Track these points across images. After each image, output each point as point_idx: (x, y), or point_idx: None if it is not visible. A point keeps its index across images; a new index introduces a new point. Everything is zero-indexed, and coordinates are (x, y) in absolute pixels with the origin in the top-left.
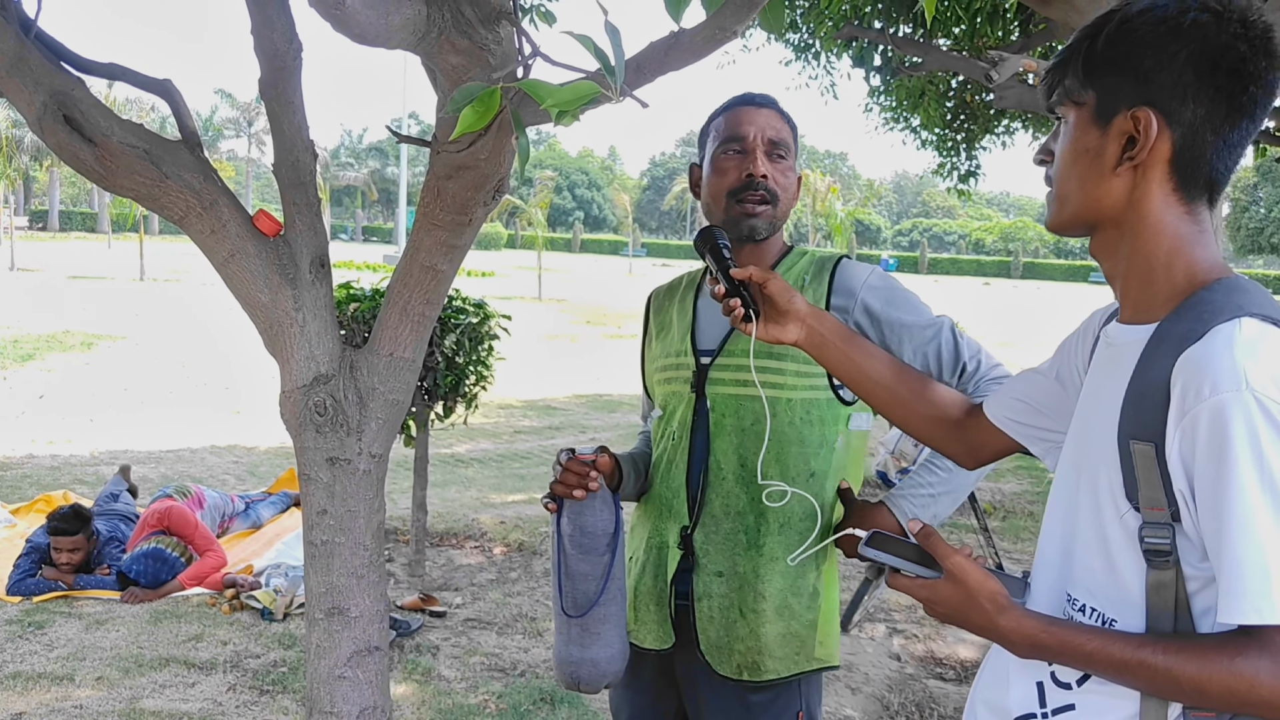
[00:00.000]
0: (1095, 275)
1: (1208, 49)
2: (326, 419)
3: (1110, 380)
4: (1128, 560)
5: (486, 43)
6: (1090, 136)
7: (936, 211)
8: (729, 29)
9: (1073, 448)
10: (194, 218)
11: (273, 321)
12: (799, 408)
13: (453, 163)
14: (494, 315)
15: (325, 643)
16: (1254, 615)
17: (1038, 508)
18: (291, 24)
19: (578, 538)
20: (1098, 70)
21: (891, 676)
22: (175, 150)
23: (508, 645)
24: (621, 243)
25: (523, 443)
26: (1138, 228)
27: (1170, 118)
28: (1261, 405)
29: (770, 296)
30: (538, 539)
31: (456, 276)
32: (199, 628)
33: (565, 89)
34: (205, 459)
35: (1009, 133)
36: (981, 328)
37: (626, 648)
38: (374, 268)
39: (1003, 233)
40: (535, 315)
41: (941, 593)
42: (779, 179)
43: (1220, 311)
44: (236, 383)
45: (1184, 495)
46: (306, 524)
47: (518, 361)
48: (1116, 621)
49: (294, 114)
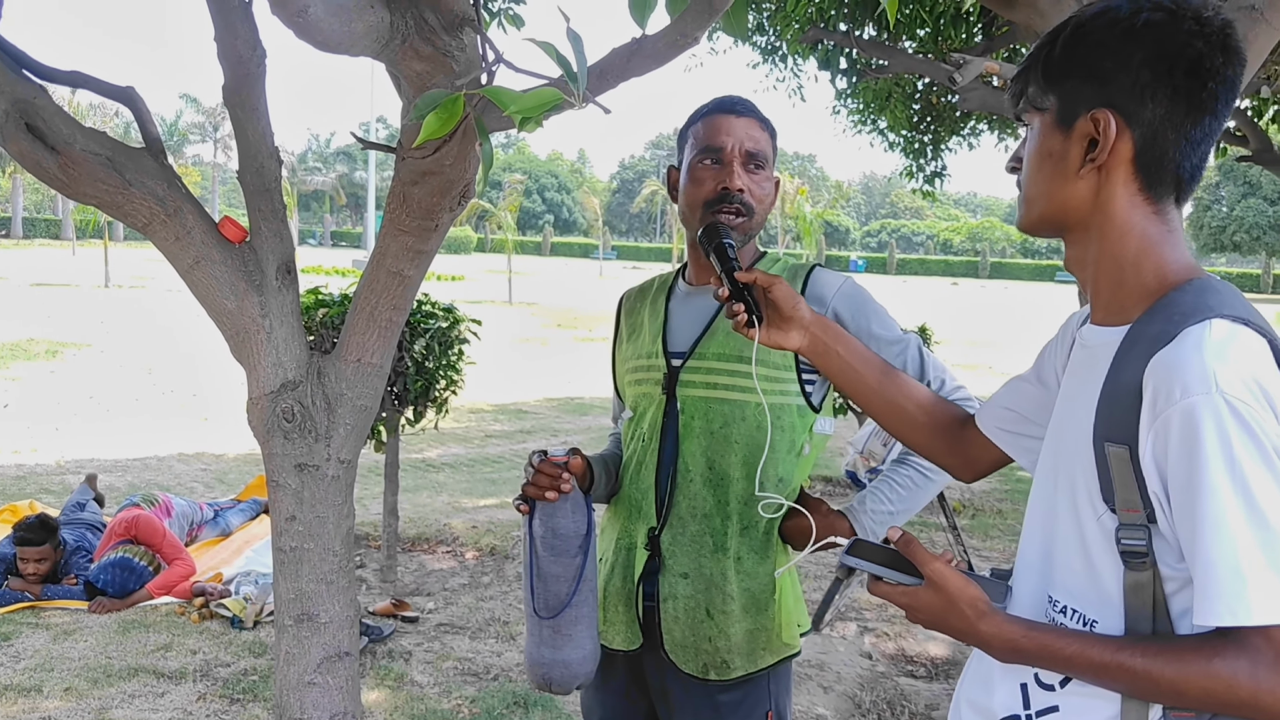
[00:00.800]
0: (1061, 275)
1: (1163, 49)
2: (294, 425)
3: (1086, 383)
4: (1106, 562)
5: (450, 49)
6: (1054, 140)
7: (904, 212)
8: (690, 35)
9: (1051, 450)
10: (158, 225)
11: (239, 328)
12: (768, 413)
13: (418, 169)
14: (464, 319)
15: (294, 649)
16: (1229, 617)
17: (1006, 506)
18: (255, 31)
19: (550, 539)
20: (1057, 75)
21: (863, 674)
22: (138, 157)
23: (480, 650)
24: (592, 245)
25: (494, 447)
26: (1105, 229)
27: (1130, 118)
28: (1231, 407)
29: (775, 302)
30: (510, 543)
31: (426, 280)
32: (168, 637)
33: (528, 95)
34: (173, 467)
35: (975, 134)
36: (951, 328)
37: (598, 649)
38: (342, 272)
39: (970, 233)
40: (505, 319)
41: (922, 599)
42: (755, 191)
43: (1191, 313)
44: (204, 389)
45: (1159, 497)
46: (275, 530)
47: (488, 365)
48: (1098, 623)
49: (258, 120)
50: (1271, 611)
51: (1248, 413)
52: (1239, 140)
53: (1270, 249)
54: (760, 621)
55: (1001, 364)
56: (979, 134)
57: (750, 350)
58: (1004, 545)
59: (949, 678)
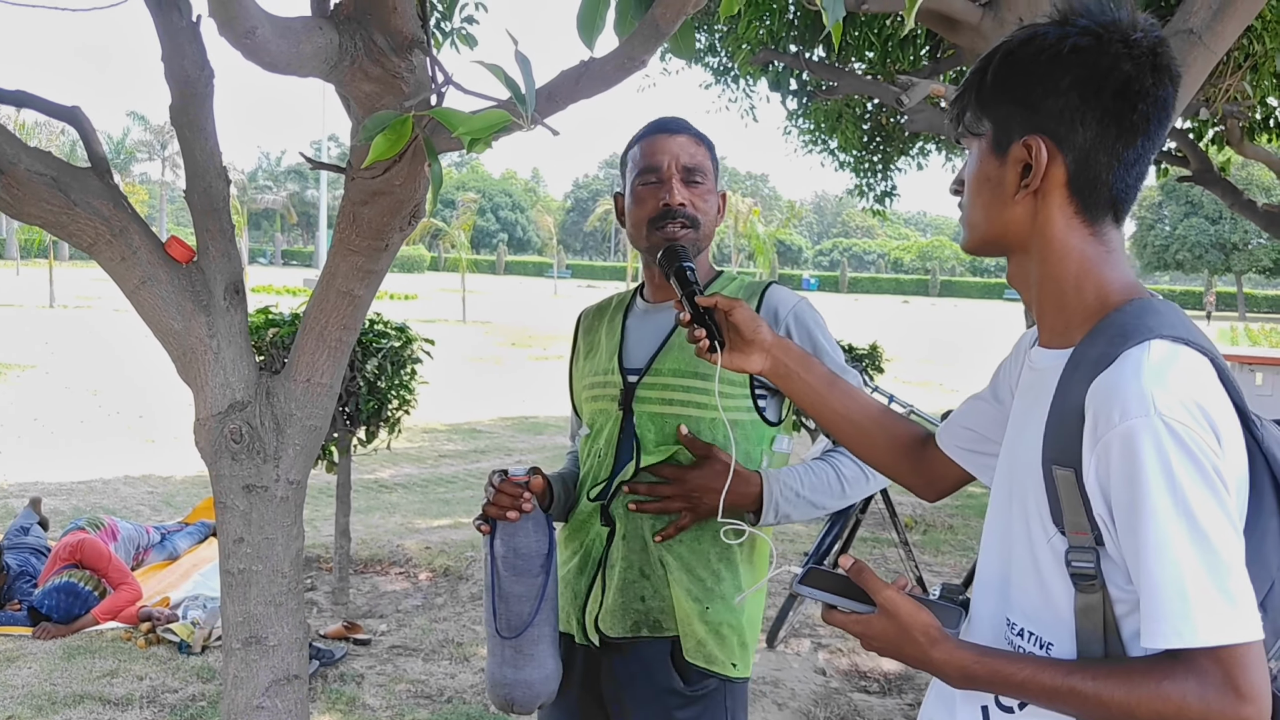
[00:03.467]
0: (1010, 293)
1: (1090, 73)
2: (242, 446)
3: (1034, 405)
4: (1057, 584)
5: (399, 71)
6: (990, 166)
7: (856, 231)
8: (638, 58)
9: (1004, 472)
10: (103, 245)
11: (186, 349)
12: (722, 427)
13: (368, 189)
14: (416, 339)
15: (242, 672)
16: (1175, 638)
17: (957, 521)
18: (203, 51)
19: (511, 559)
20: (990, 102)
21: (817, 691)
22: (84, 177)
23: (434, 671)
24: (546, 264)
25: (447, 466)
26: (1045, 252)
27: (1061, 143)
28: (1170, 429)
29: (736, 325)
30: (464, 564)
31: (379, 300)
32: (114, 663)
33: (477, 117)
34: (119, 489)
35: (924, 154)
36: (902, 345)
37: (560, 667)
38: (293, 291)
39: (920, 252)
40: (459, 338)
41: (875, 627)
42: (697, 203)
43: (1131, 334)
44: (150, 411)
45: (1104, 520)
46: (223, 552)
47: (442, 385)
48: (1054, 645)
49: (206, 140)
50: (1217, 632)
51: (1186, 434)
52: (1180, 161)
53: (1212, 267)
54: (699, 589)
55: (952, 381)
56: (927, 154)
57: (706, 366)
58: (955, 560)
59: (902, 693)
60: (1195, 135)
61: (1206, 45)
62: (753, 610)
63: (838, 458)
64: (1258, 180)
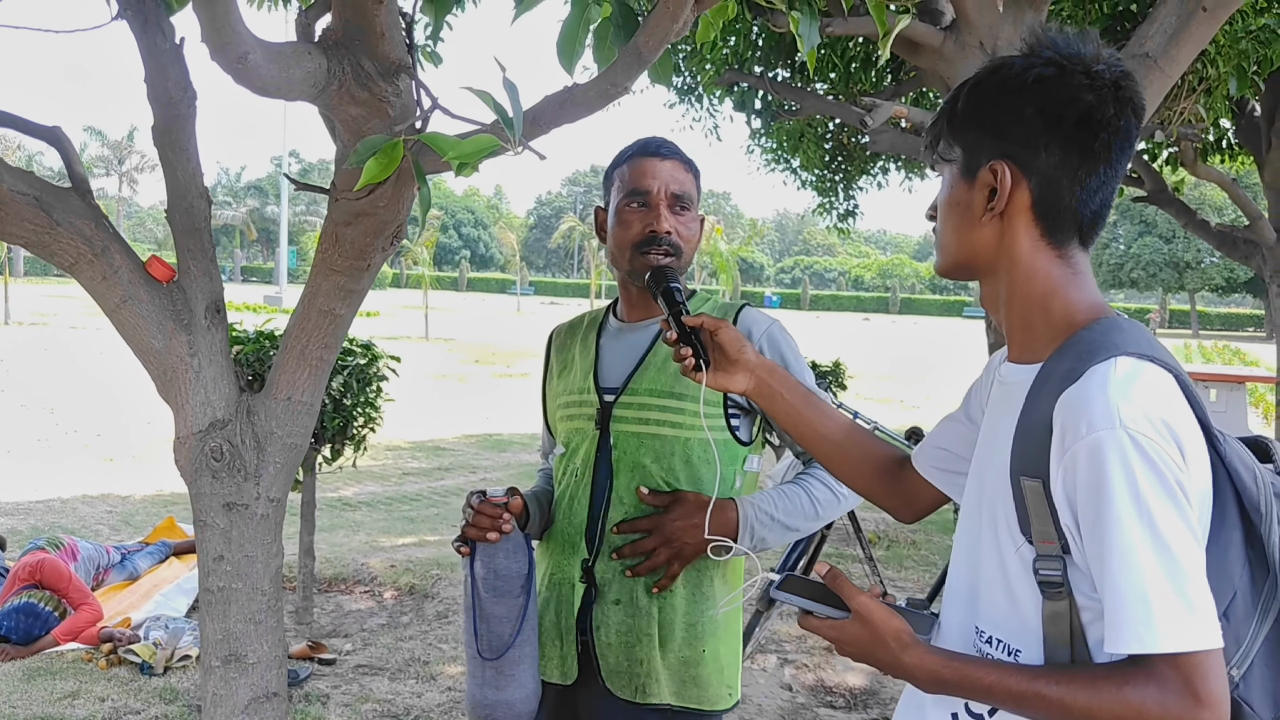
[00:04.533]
0: (969, 310)
1: (1053, 102)
2: (223, 464)
3: (1003, 418)
4: (1025, 592)
5: (386, 95)
6: (960, 190)
7: (817, 249)
8: (620, 84)
9: (974, 484)
10: (85, 265)
11: (166, 368)
12: (697, 447)
13: (352, 210)
14: (381, 356)
15: (222, 690)
16: (1136, 644)
17: (920, 537)
18: (185, 72)
19: (492, 580)
20: (960, 129)
21: (784, 706)
22: (66, 197)
23: (400, 691)
24: (509, 281)
25: (411, 484)
26: (1012, 273)
27: (1025, 168)
28: (1135, 441)
29: (721, 345)
30: (429, 582)
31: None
32: (75, 684)
33: (467, 142)
34: (77, 509)
35: (884, 173)
36: (864, 362)
37: (539, 686)
38: (254, 308)
39: (880, 269)
40: (422, 355)
41: (849, 632)
42: (682, 231)
43: (1097, 351)
44: (108, 430)
45: (1070, 529)
46: (203, 570)
47: (405, 402)
48: (1021, 652)
49: (188, 161)
50: (1178, 639)
51: (1150, 446)
52: (1135, 181)
53: (1166, 285)
54: (696, 653)
55: (912, 398)
56: (887, 173)
57: (683, 386)
58: (918, 575)
59: (867, 708)
60: (1150, 156)
61: (1162, 69)
62: (734, 639)
63: (809, 481)
64: (1210, 200)
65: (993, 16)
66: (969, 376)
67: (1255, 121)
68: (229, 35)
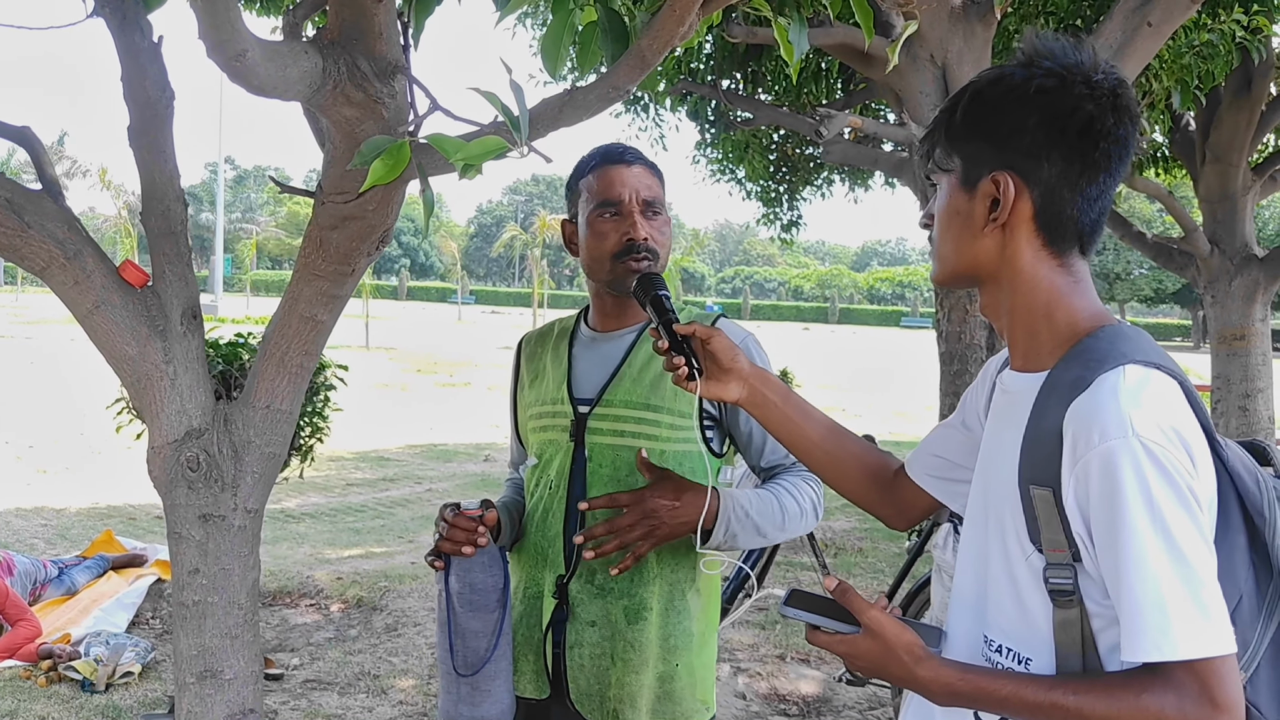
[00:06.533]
0: (906, 320)
1: (1055, 112)
2: (199, 474)
3: (1008, 427)
4: (1035, 600)
5: (381, 96)
6: (960, 200)
7: (757, 259)
8: (621, 88)
9: (979, 493)
10: (56, 269)
11: (140, 375)
12: (671, 459)
13: (339, 213)
14: (329, 365)
15: (197, 707)
16: (1154, 652)
17: (866, 544)
18: (164, 72)
19: (468, 595)
20: (959, 139)
21: (738, 715)
22: (37, 200)
23: (351, 705)
24: (449, 290)
25: (356, 495)
26: (1015, 282)
27: (1028, 179)
28: (1148, 450)
29: (713, 353)
30: (377, 594)
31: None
32: (13, 703)
33: (473, 144)
34: (10, 522)
35: (828, 184)
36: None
37: (514, 701)
38: None
39: (819, 279)
40: (364, 364)
41: (860, 647)
42: (657, 236)
43: (1105, 359)
44: (41, 440)
45: (1082, 538)
46: (177, 584)
47: (348, 412)
48: (1032, 661)
49: (165, 163)
50: (1195, 645)
51: (1163, 455)
52: None
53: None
54: (671, 668)
55: (854, 406)
56: (831, 184)
57: (658, 398)
58: (866, 583)
59: (820, 715)
60: None
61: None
62: (708, 652)
63: (780, 491)
64: (1138, 213)
65: (944, 30)
66: (911, 383)
67: (1189, 135)
68: (227, 32)
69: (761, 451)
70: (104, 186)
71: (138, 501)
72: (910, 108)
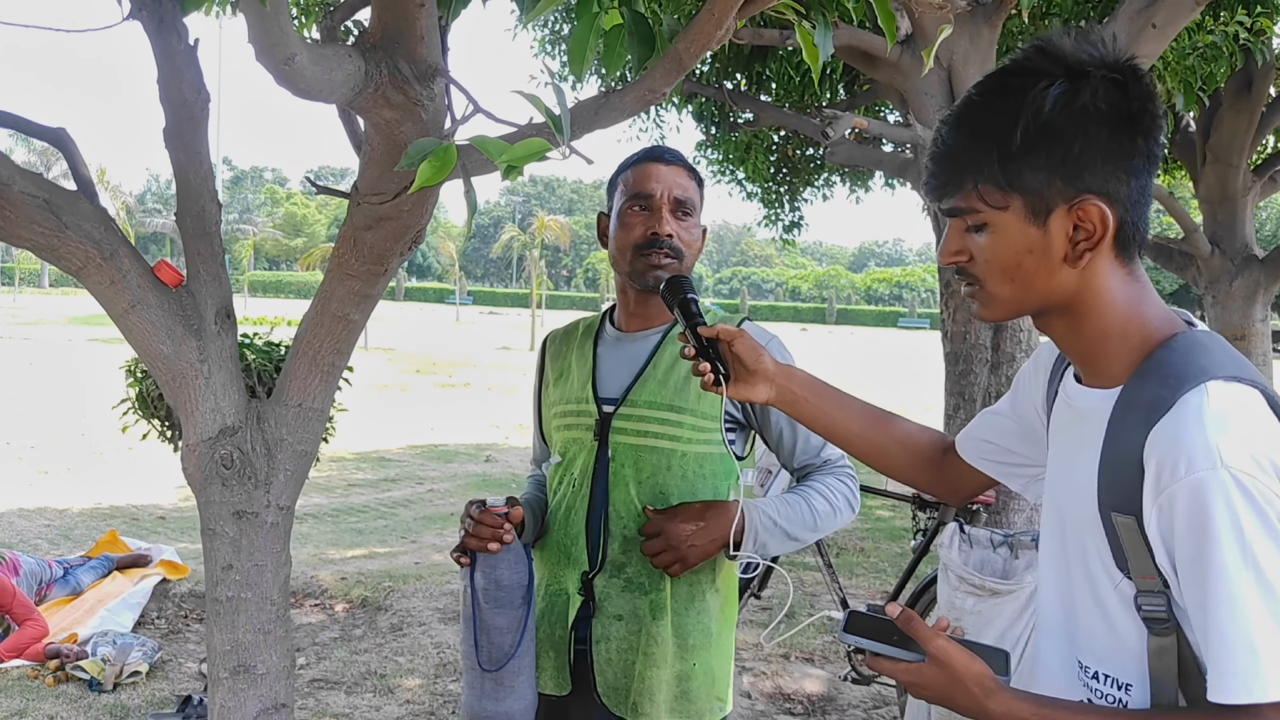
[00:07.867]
0: (904, 320)
1: (1124, 124)
2: (233, 472)
3: (1082, 447)
4: (1129, 626)
5: (421, 99)
6: (1030, 237)
7: (755, 260)
8: (659, 90)
9: (1052, 515)
10: (93, 269)
11: (175, 374)
12: (693, 461)
13: (374, 214)
14: None
15: (230, 702)
16: (1245, 694)
17: (868, 544)
18: (199, 74)
19: (493, 591)
20: (1020, 173)
21: (743, 714)
22: (74, 200)
23: (358, 705)
24: (447, 290)
25: (358, 496)
26: (1090, 304)
27: (1113, 199)
28: (1238, 482)
29: (738, 355)
30: (381, 594)
31: (279, 326)
32: (21, 702)
33: (518, 146)
34: (14, 523)
35: (829, 185)
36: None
37: (536, 696)
38: None
39: (817, 280)
40: (363, 365)
41: (926, 676)
42: (683, 236)
43: (1185, 377)
44: (42, 441)
45: (1166, 570)
46: (210, 580)
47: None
48: (1133, 686)
49: (200, 164)
50: None
51: (1254, 486)
52: None
53: None
54: (688, 667)
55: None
56: (832, 185)
57: (682, 400)
58: (869, 583)
59: (825, 714)
60: None
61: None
62: (721, 650)
63: (809, 492)
64: None
65: (948, 31)
66: (911, 383)
67: (1189, 136)
68: (278, 36)
69: (793, 453)
70: (102, 187)
71: (140, 502)
72: (915, 109)
